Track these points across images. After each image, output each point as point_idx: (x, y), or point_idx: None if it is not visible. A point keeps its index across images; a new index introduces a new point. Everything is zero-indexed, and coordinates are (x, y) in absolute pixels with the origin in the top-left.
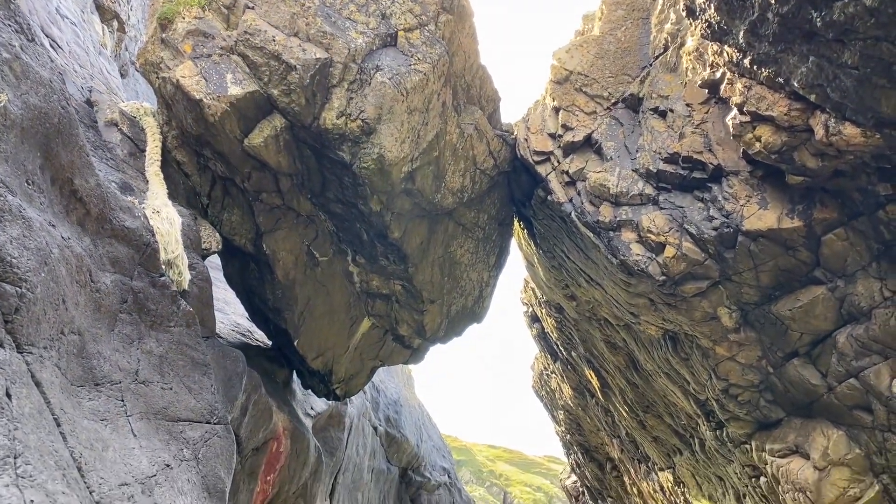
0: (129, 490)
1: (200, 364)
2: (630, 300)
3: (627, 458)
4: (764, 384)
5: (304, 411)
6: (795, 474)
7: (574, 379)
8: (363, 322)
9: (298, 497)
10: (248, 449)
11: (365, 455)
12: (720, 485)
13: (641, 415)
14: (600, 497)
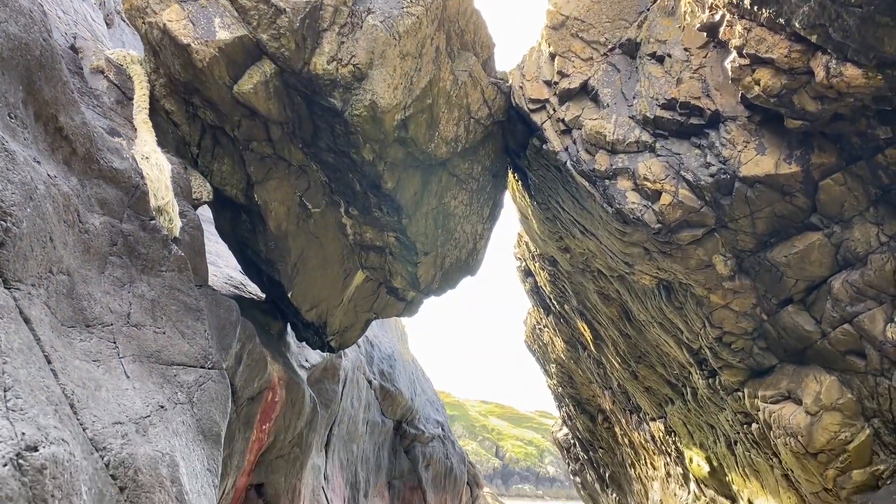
0: (123, 429)
1: (193, 309)
2: (625, 250)
3: (619, 410)
4: (757, 331)
5: (298, 363)
6: (787, 419)
7: (566, 332)
8: (357, 274)
9: (294, 446)
10: (243, 398)
11: (360, 408)
12: (711, 433)
13: (633, 365)
14: (591, 448)
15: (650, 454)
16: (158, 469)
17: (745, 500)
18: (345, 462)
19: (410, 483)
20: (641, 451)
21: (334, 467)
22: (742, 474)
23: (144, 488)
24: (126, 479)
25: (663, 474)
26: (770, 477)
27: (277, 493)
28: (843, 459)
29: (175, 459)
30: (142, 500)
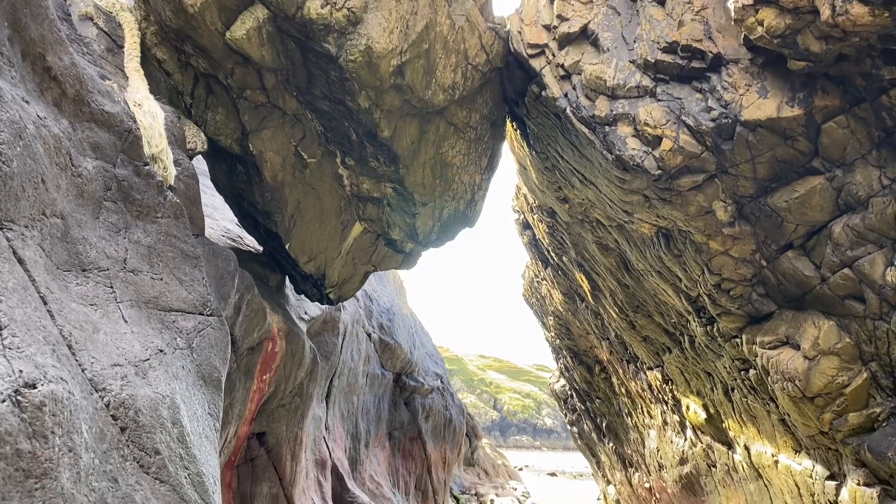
0: (123, 371)
1: (191, 256)
2: (624, 198)
3: (616, 360)
4: (757, 278)
5: (298, 315)
6: (785, 364)
7: (564, 284)
8: (355, 226)
9: (295, 396)
10: (243, 348)
11: (359, 360)
12: (708, 380)
13: (631, 315)
14: (588, 399)
15: (647, 403)
16: (159, 410)
17: (741, 446)
18: (345, 413)
19: (410, 434)
20: (638, 401)
21: (335, 418)
22: (739, 420)
23: (146, 429)
24: (127, 420)
25: (660, 422)
26: (767, 422)
27: (279, 442)
28: (840, 403)
29: (175, 402)
30: (143, 441)
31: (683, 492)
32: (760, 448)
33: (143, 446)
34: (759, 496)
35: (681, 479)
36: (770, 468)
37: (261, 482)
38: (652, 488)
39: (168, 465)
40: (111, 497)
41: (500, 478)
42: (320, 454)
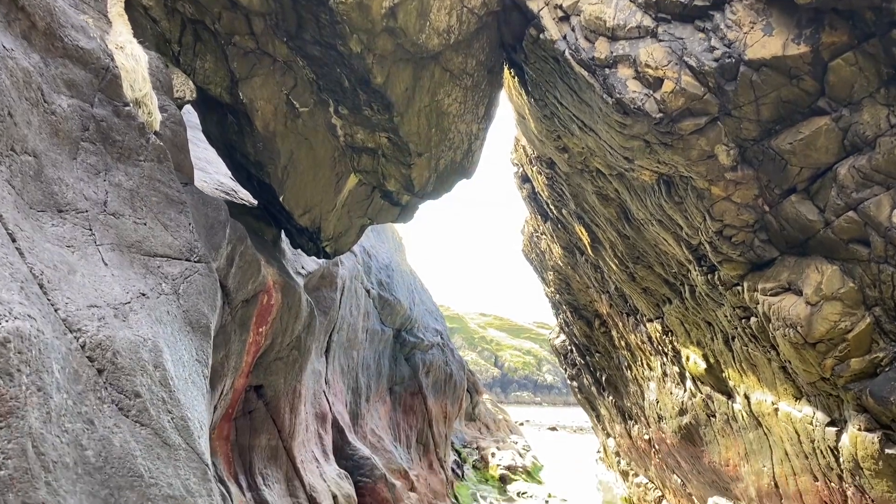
0: (100, 312)
1: (176, 202)
2: (624, 143)
3: (616, 313)
4: (759, 223)
5: (294, 270)
6: (787, 311)
7: (564, 238)
8: (350, 178)
9: (293, 349)
10: (237, 300)
11: (359, 316)
12: (708, 330)
13: (631, 266)
14: (588, 353)
15: (647, 355)
16: (139, 353)
17: (741, 395)
18: (345, 368)
19: (411, 389)
20: (638, 353)
21: (335, 373)
22: (739, 369)
23: (125, 371)
24: (104, 362)
25: (659, 374)
26: (767, 370)
27: (277, 395)
28: (843, 349)
29: (158, 345)
30: (122, 383)
31: (682, 442)
32: (760, 396)
33: (122, 389)
34: (759, 444)
35: (680, 429)
36: (770, 416)
37: (259, 434)
38: (651, 440)
39: (149, 409)
40: (86, 439)
41: (501, 432)
42: (320, 408)
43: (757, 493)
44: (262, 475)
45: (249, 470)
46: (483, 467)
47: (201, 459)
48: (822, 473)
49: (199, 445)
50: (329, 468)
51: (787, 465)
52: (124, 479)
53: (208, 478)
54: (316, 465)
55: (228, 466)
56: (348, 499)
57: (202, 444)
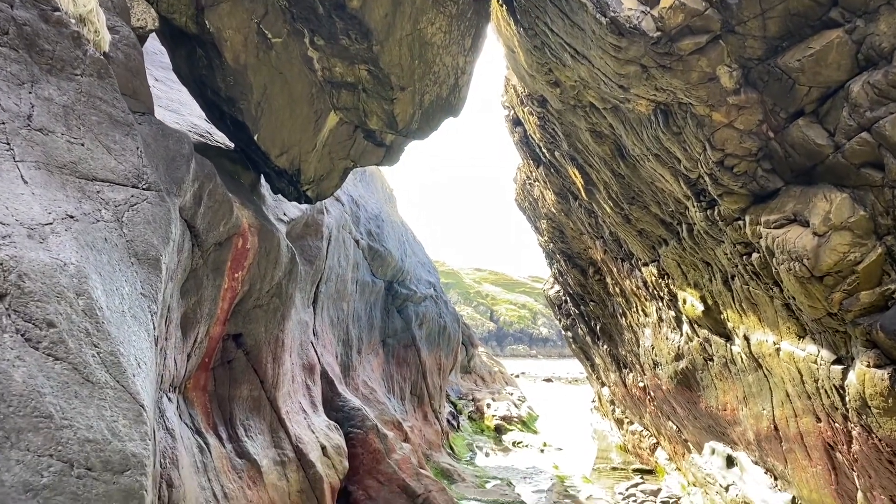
0: (6, 230)
1: (122, 123)
2: (620, 70)
3: (610, 259)
4: (763, 151)
5: (276, 217)
6: (792, 243)
7: (557, 183)
8: (329, 116)
9: (273, 297)
10: (208, 243)
11: (348, 267)
12: (706, 270)
13: (626, 208)
14: (582, 302)
15: (642, 301)
16: (56, 278)
17: (740, 337)
18: (335, 320)
19: (404, 341)
20: (633, 299)
21: (324, 324)
22: (738, 310)
23: (34, 296)
24: (7, 285)
25: (655, 319)
26: (769, 309)
27: (258, 344)
28: (851, 281)
29: (84, 271)
30: (31, 310)
31: (679, 388)
32: (761, 337)
33: (30, 317)
34: (758, 387)
35: (676, 375)
36: (771, 357)
37: (240, 385)
38: (646, 387)
39: (67, 340)
40: None
41: (496, 384)
42: (308, 359)
43: (755, 437)
44: (243, 426)
45: (230, 421)
46: (479, 418)
47: (135, 400)
48: (826, 414)
49: (134, 384)
50: (318, 419)
51: (787, 407)
52: (25, 420)
53: (143, 420)
54: (303, 416)
55: (207, 418)
56: (338, 449)
57: (139, 383)
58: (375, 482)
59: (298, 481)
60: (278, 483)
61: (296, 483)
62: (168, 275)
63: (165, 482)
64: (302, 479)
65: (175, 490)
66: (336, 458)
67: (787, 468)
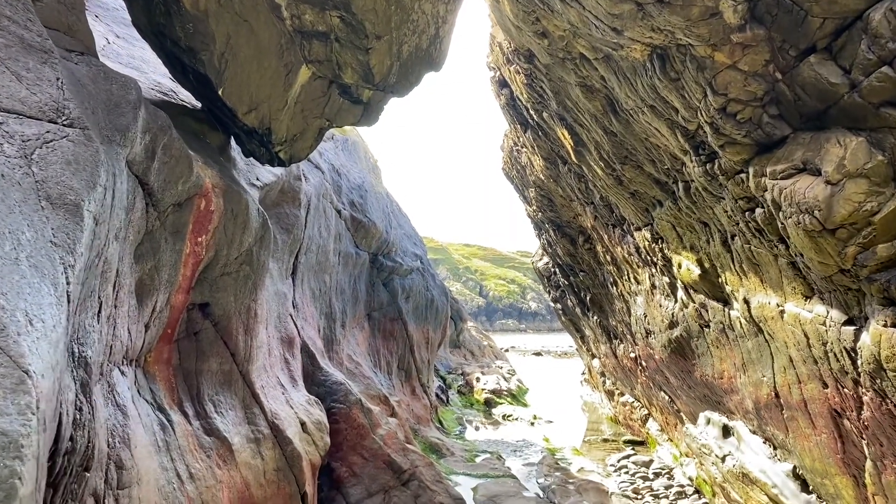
0: None
1: (38, 50)
2: (613, 10)
3: (601, 225)
4: (769, 95)
5: (247, 181)
6: (802, 194)
7: (545, 147)
8: (301, 71)
9: (243, 264)
10: (166, 202)
11: (329, 238)
12: (704, 231)
13: (618, 168)
14: (572, 273)
15: (634, 268)
16: None
17: (739, 301)
18: (317, 292)
19: (390, 314)
20: (624, 267)
21: (304, 297)
22: (738, 272)
23: None
24: None
25: (648, 287)
26: (772, 269)
27: (227, 314)
28: (867, 234)
29: None
30: None
31: (672, 357)
32: (763, 299)
33: None
34: (758, 353)
35: (670, 343)
36: (773, 320)
37: (208, 358)
38: (637, 358)
39: None
40: None
41: (486, 358)
42: (287, 332)
43: (754, 405)
44: (212, 402)
45: (197, 396)
46: (468, 392)
47: (15, 364)
48: (834, 379)
49: (18, 345)
50: (297, 394)
51: (790, 372)
52: None
53: (26, 390)
54: (281, 391)
55: (171, 393)
56: (318, 425)
57: (26, 344)
58: (360, 458)
59: (274, 459)
60: (252, 461)
61: (272, 461)
62: (104, 229)
63: (114, 463)
64: (278, 456)
65: (126, 472)
66: (317, 434)
67: (788, 437)
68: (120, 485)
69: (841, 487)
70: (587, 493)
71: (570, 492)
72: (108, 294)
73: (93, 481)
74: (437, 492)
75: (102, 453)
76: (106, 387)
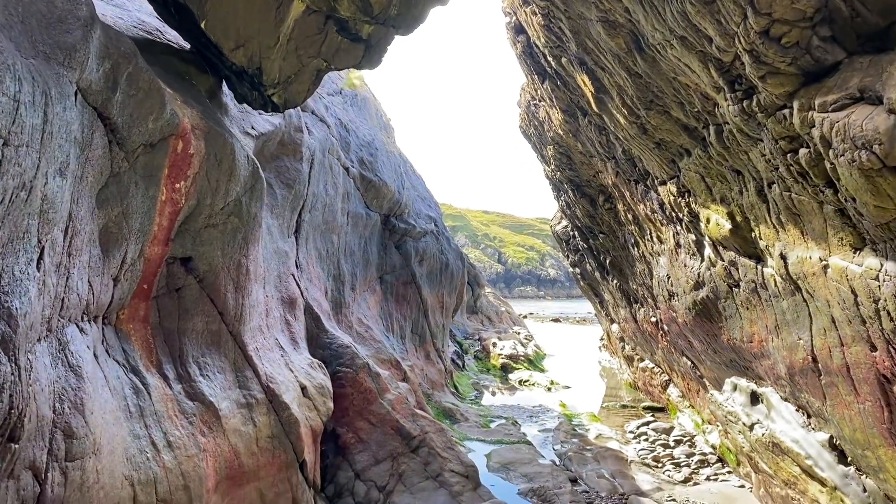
0: None
1: None
2: None
3: (622, 182)
4: (821, 13)
5: (241, 129)
6: (858, 126)
7: (564, 98)
8: (293, 3)
9: (230, 216)
10: (134, 141)
11: (337, 196)
12: (736, 181)
13: (643, 115)
14: (591, 236)
15: (657, 226)
16: None
17: (774, 257)
18: (323, 253)
19: (403, 278)
20: (647, 226)
21: (309, 257)
22: (775, 224)
23: None
24: None
25: (671, 246)
26: (816, 218)
27: (213, 270)
28: None
29: None
30: None
31: (697, 320)
32: (802, 254)
33: None
34: (794, 313)
35: (695, 305)
36: (814, 277)
37: (192, 317)
38: (659, 322)
39: None
40: None
41: (503, 324)
42: (288, 292)
43: (787, 371)
44: (197, 364)
45: (180, 358)
46: (485, 357)
47: None
48: (886, 341)
49: None
50: (298, 357)
51: (831, 335)
52: None
53: None
54: (280, 353)
55: (148, 354)
56: (321, 389)
57: None
58: (367, 423)
59: (269, 425)
60: (242, 428)
61: (265, 427)
62: (28, 156)
63: (61, 432)
64: (273, 422)
65: (77, 441)
66: (319, 398)
67: (826, 405)
68: (69, 456)
69: (885, 460)
70: (605, 461)
71: (587, 459)
72: (54, 239)
73: (27, 453)
74: (448, 459)
75: (44, 420)
76: (55, 345)
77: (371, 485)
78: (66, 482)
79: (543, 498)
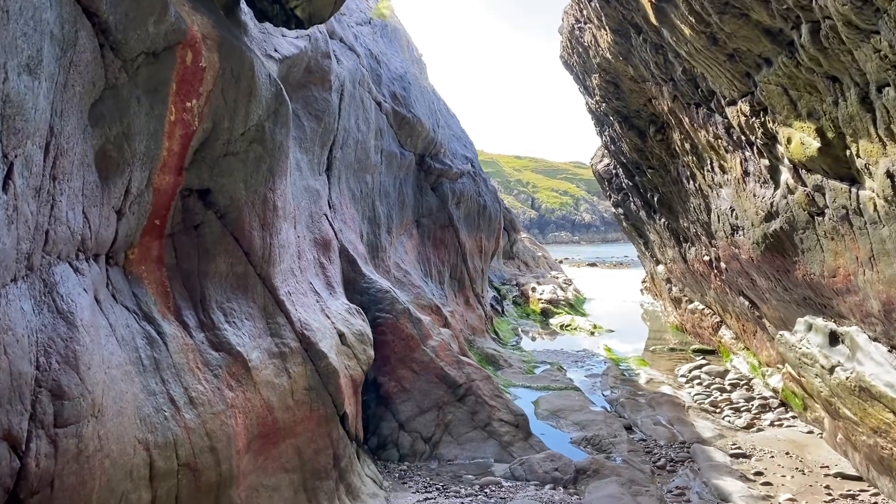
0: None
1: None
2: None
3: (681, 107)
4: None
5: (263, 52)
6: None
7: (615, 16)
8: None
9: (252, 143)
10: (132, 48)
11: (369, 133)
12: (831, 90)
13: (715, 22)
14: (638, 172)
15: (720, 154)
16: None
17: (877, 175)
18: (357, 194)
19: (441, 221)
20: (707, 154)
21: (342, 196)
22: (881, 137)
23: None
24: None
25: (738, 174)
26: None
27: (236, 204)
28: None
29: None
30: None
31: (766, 255)
32: None
33: None
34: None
35: (765, 239)
36: None
37: (215, 258)
38: (713, 260)
39: None
40: None
41: (540, 269)
42: (321, 234)
43: (882, 308)
44: (222, 310)
45: (202, 303)
46: (524, 302)
47: None
48: None
49: None
50: (335, 302)
51: None
52: None
53: None
54: (315, 298)
55: (164, 299)
56: (360, 337)
57: None
58: (410, 372)
59: (305, 376)
60: (275, 380)
61: (301, 379)
62: None
63: (49, 392)
64: (310, 372)
65: (70, 403)
66: (358, 346)
67: None
68: (60, 421)
69: None
70: (660, 407)
71: (640, 405)
72: (28, 155)
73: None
74: (496, 407)
75: (21, 379)
76: (39, 287)
77: (416, 436)
78: (55, 453)
79: (599, 447)
